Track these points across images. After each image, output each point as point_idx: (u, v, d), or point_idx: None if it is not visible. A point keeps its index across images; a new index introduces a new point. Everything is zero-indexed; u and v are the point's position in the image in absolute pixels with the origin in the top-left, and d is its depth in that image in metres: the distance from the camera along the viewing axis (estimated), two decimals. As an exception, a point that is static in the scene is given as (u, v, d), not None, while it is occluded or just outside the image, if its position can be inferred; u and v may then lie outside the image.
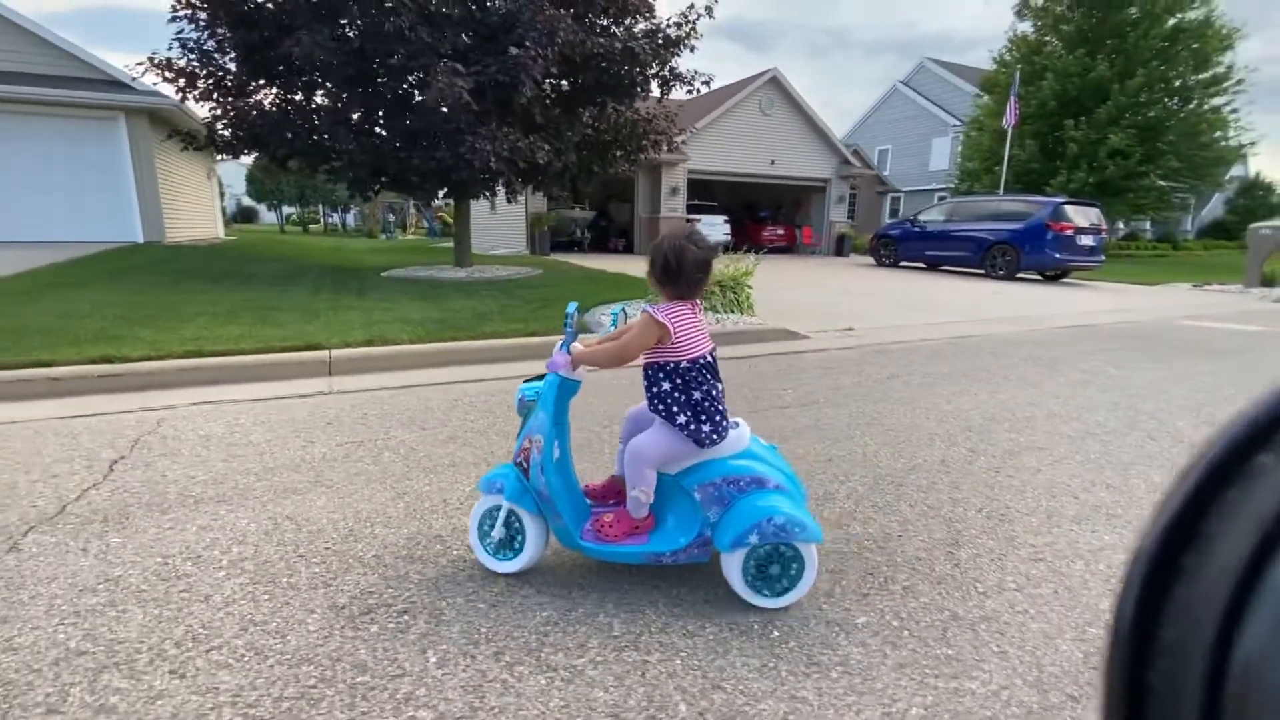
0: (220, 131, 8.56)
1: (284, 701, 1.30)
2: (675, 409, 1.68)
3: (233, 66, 8.37)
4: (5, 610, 1.60)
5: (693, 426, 1.67)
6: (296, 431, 3.03)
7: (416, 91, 8.06)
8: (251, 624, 1.56)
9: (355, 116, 8.20)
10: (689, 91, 9.89)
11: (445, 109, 7.00)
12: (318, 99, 8.75)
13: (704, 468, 1.70)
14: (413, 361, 4.54)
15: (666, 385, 1.69)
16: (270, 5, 7.60)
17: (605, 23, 8.81)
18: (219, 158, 17.28)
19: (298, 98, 8.60)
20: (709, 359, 1.71)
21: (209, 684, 1.35)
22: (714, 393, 1.70)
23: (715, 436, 1.69)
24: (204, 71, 8.26)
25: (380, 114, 8.27)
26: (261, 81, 8.52)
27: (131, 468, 2.54)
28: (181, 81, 8.23)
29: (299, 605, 1.64)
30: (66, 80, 11.01)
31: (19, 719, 1.26)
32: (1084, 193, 17.07)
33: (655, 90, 9.65)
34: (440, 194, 9.45)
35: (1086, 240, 11.55)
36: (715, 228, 16.71)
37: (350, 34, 7.38)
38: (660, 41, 8.78)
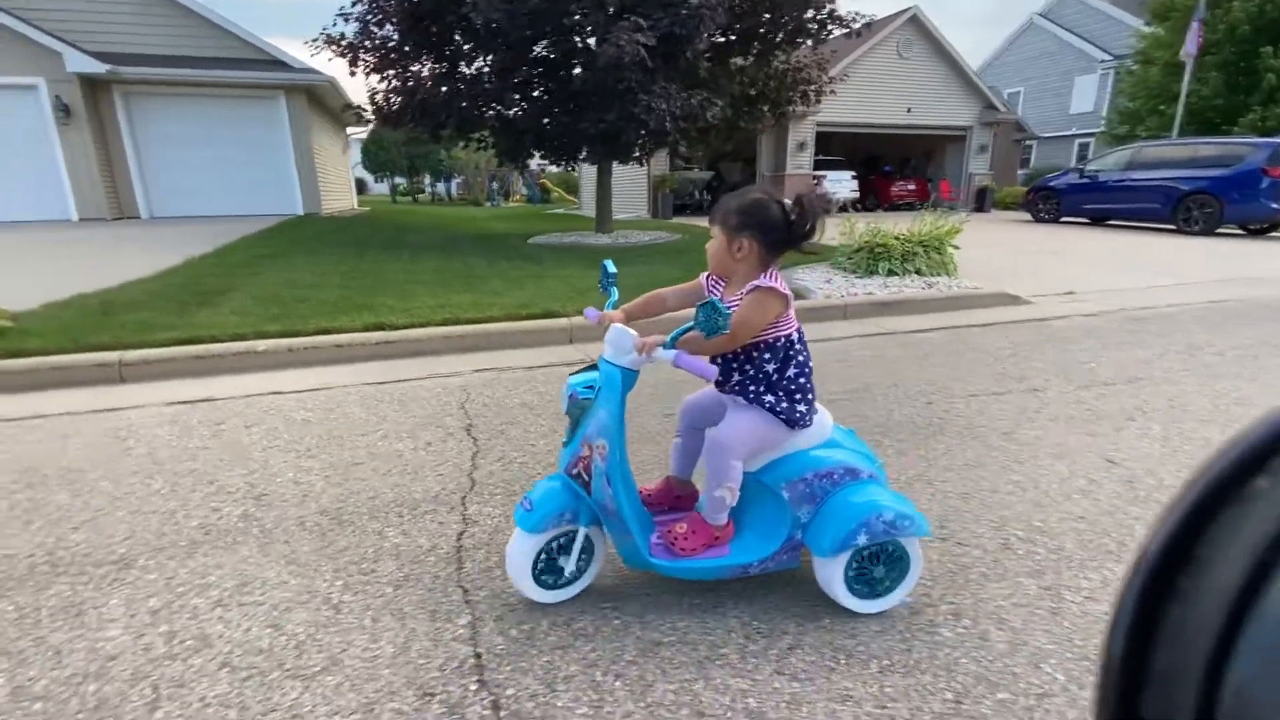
0: (382, 103, 8.78)
1: None
2: (764, 388, 1.45)
3: (396, 38, 8.49)
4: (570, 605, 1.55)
5: (784, 405, 1.44)
6: (609, 402, 2.97)
7: (576, 56, 7.88)
8: (821, 627, 1.45)
9: (518, 80, 8.14)
10: (847, 35, 9.20)
11: (620, 68, 6.77)
12: (466, 68, 8.76)
13: (790, 461, 1.47)
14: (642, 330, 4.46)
15: (771, 365, 1.45)
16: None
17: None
18: (350, 133, 17.96)
19: (458, 67, 8.64)
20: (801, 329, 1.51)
21: (840, 691, 1.24)
22: (809, 368, 1.49)
23: (810, 418, 1.47)
24: (371, 45, 8.43)
25: (543, 78, 8.17)
26: (422, 52, 8.61)
27: (491, 435, 2.55)
28: (350, 55, 8.46)
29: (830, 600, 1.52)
30: (233, 61, 11.65)
31: None
32: (1281, 132, 14.74)
33: (808, 36, 9.02)
34: (592, 157, 9.30)
35: (1312, 187, 9.94)
36: (841, 184, 15.83)
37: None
38: (829, -20, 8.14)
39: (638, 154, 8.64)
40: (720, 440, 1.44)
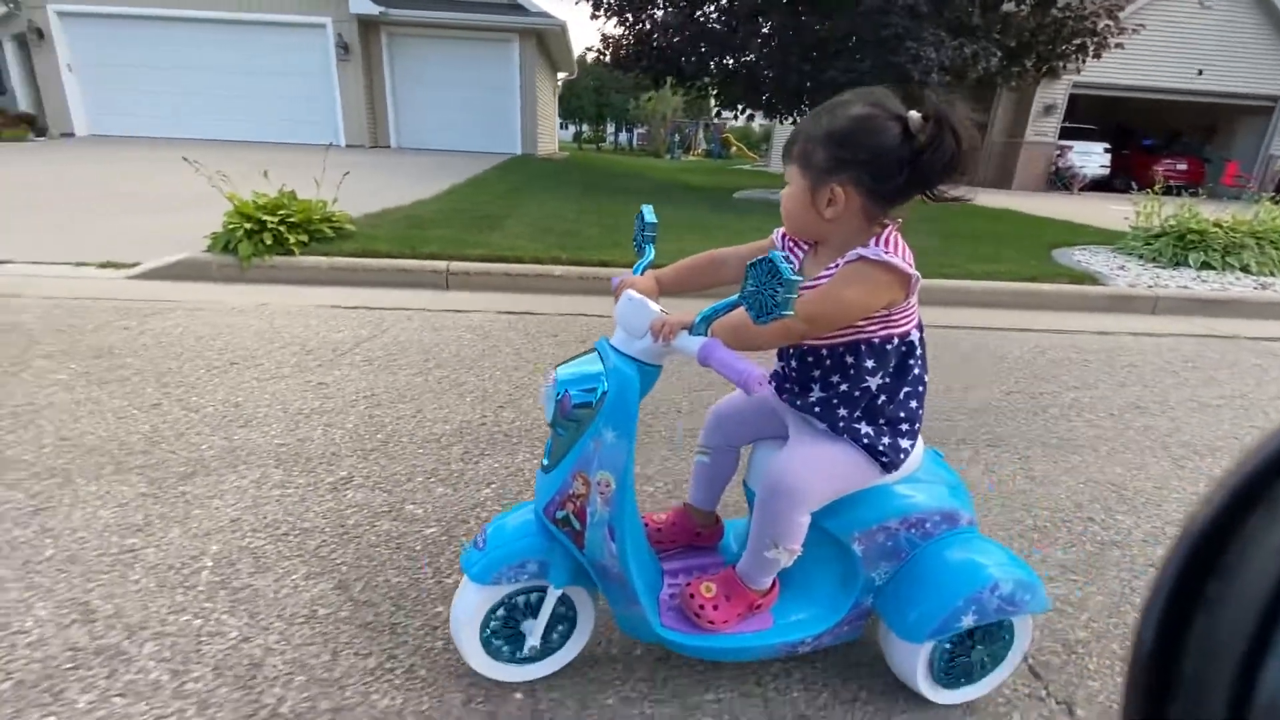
0: (616, 47, 8.99)
1: None
2: (859, 413, 0.99)
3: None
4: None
5: (885, 442, 0.99)
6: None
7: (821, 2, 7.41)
8: None
9: (759, 26, 7.89)
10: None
11: (887, 12, 6.26)
12: (703, 13, 8.62)
13: (868, 503, 1.04)
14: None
15: (875, 380, 0.97)
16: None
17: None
18: (559, 77, 18.64)
19: (695, 12, 8.56)
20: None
21: None
22: (925, 386, 1.02)
23: (907, 455, 1.03)
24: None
25: (784, 23, 7.82)
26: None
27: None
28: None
29: None
30: (477, 5, 12.54)
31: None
32: None
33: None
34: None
35: None
36: (1090, 157, 13.72)
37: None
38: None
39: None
40: (785, 484, 0.98)
